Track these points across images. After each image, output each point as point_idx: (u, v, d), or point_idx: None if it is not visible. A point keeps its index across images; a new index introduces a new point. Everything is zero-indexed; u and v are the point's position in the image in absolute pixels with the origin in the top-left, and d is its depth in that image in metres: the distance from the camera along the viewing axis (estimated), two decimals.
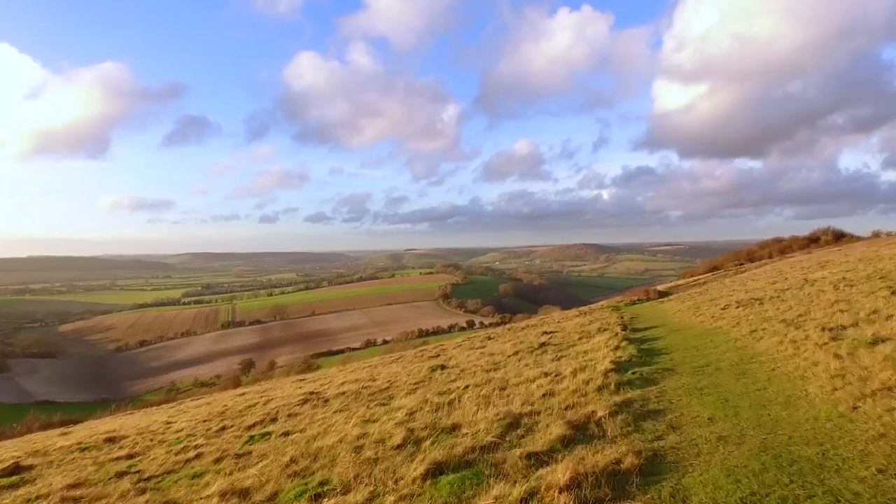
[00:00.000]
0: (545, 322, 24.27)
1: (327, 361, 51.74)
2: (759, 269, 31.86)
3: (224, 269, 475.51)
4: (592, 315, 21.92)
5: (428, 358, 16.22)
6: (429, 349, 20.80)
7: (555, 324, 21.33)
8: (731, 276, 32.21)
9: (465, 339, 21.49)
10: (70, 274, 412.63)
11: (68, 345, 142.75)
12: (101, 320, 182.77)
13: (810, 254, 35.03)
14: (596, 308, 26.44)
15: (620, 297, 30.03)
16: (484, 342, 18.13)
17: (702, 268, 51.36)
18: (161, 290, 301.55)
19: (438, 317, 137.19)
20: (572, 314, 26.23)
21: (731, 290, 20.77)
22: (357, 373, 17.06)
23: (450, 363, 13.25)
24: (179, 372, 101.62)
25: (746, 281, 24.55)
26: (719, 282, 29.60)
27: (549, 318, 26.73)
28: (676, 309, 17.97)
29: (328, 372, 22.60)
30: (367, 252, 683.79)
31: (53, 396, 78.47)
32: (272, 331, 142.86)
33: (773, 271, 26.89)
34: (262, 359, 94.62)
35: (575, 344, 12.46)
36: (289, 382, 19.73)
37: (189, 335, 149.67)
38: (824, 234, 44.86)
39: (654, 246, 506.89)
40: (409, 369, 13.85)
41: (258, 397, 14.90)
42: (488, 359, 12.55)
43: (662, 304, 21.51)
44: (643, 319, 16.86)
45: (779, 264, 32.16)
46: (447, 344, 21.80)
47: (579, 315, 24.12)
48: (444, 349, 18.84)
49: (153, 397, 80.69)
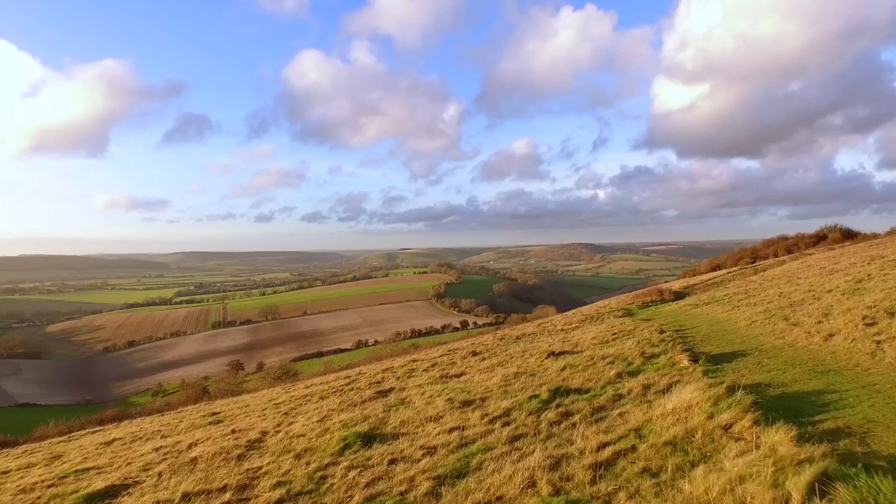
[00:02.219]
0: (545, 329, 20.18)
1: (310, 364, 50.62)
2: (788, 266, 28.31)
3: (217, 269, 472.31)
4: (609, 322, 17.01)
5: (366, 400, 10.30)
6: (382, 375, 14.51)
7: (560, 334, 16.63)
8: (751, 274, 29.05)
9: (445, 354, 16.88)
10: (62, 273, 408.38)
11: (55, 345, 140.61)
12: (91, 320, 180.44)
13: (835, 250, 32.03)
14: (605, 311, 22.68)
15: (630, 297, 27.03)
16: (464, 366, 12.85)
17: (704, 267, 50.52)
18: (153, 289, 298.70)
19: (431, 316, 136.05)
20: (578, 318, 22.09)
21: (783, 290, 16.32)
22: (259, 413, 12.22)
23: (388, 426, 7.32)
24: (167, 373, 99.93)
25: (793, 278, 20.29)
26: (743, 279, 26.44)
27: (550, 324, 22.63)
28: (727, 315, 13.20)
29: (246, 404, 15.70)
30: (361, 251, 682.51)
31: (36, 399, 76.72)
32: (263, 331, 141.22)
33: (810, 267, 23.04)
34: (251, 360, 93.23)
35: (623, 396, 6.56)
36: (198, 415, 14.98)
37: (179, 335, 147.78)
38: (831, 232, 43.98)
39: (649, 246, 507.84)
40: (317, 427, 8.24)
41: None
42: (458, 418, 6.91)
43: (696, 309, 16.54)
44: (694, 333, 11.53)
45: (809, 260, 29.14)
46: (421, 358, 17.21)
47: (589, 321, 19.77)
48: (400, 380, 12.72)
49: (139, 399, 79.31)
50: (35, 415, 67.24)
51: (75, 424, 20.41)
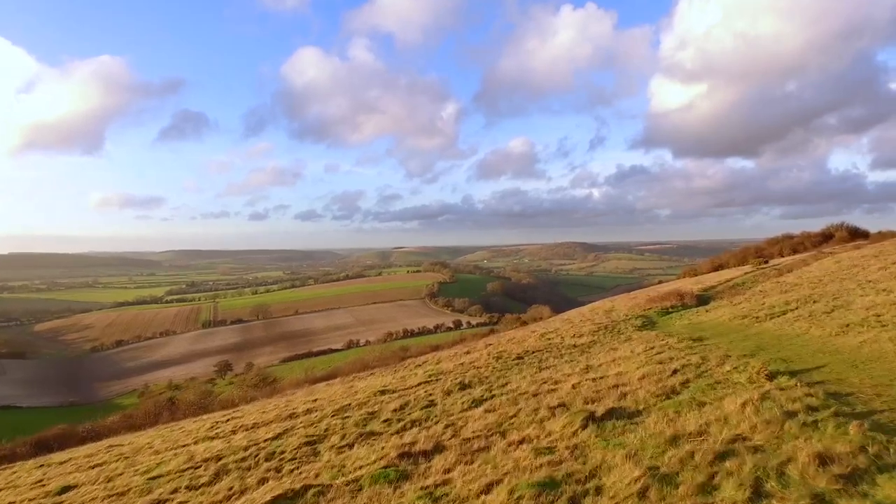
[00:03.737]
0: (551, 343, 16.27)
1: (293, 369, 49.46)
2: (821, 266, 25.83)
3: (210, 267, 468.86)
4: (639, 340, 13.12)
5: None
6: (327, 425, 9.51)
7: (577, 357, 12.39)
8: (775, 276, 26.51)
9: (425, 382, 13.03)
10: (52, 271, 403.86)
11: (41, 345, 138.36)
12: (79, 319, 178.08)
13: (863, 249, 30.26)
14: (620, 319, 19.81)
15: (643, 300, 24.41)
16: (446, 415, 8.69)
17: (705, 266, 50.08)
18: (144, 287, 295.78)
19: (425, 316, 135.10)
20: (589, 328, 18.34)
21: (851, 297, 13.70)
22: None
23: None
24: (155, 373, 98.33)
25: (843, 280, 17.91)
26: (771, 282, 23.91)
27: (555, 334, 18.92)
28: (818, 334, 10.17)
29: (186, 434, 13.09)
30: (355, 250, 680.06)
31: (18, 401, 74.94)
32: (253, 330, 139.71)
33: (858, 268, 20.74)
34: (241, 360, 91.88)
35: None
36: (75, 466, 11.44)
37: (168, 335, 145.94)
38: (838, 231, 43.78)
39: (642, 245, 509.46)
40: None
41: None
42: None
43: (760, 325, 12.98)
44: (828, 375, 7.16)
45: (840, 259, 26.91)
46: (392, 388, 13.08)
47: (604, 332, 16.37)
48: (338, 453, 7.43)
49: (125, 401, 77.78)
50: (15, 417, 65.84)
51: None
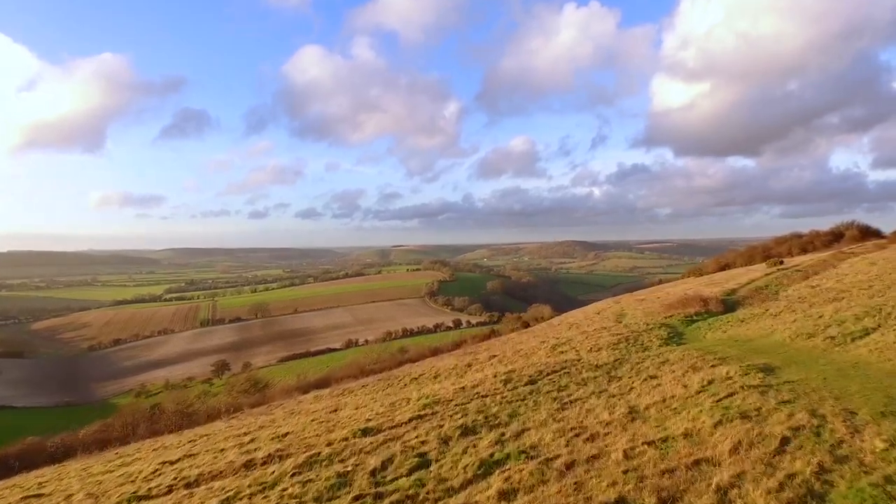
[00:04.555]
0: (569, 362, 13.58)
1: (285, 371, 48.76)
2: (856, 269, 24.00)
3: (209, 265, 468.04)
4: (681, 365, 11.06)
5: None
6: None
7: (614, 391, 9.84)
8: (801, 279, 24.71)
9: (416, 418, 9.79)
10: (51, 270, 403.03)
11: (39, 344, 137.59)
12: (77, 317, 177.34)
13: (887, 249, 29.31)
14: (642, 329, 17.76)
15: (660, 305, 22.84)
16: None
17: (711, 266, 49.42)
18: (143, 285, 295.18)
19: (424, 315, 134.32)
20: (607, 341, 16.06)
21: None
22: None
23: None
24: (152, 373, 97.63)
25: None
26: (805, 288, 21.97)
27: (568, 346, 16.75)
28: None
29: None
30: (355, 248, 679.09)
31: (13, 401, 74.17)
32: (252, 329, 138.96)
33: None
34: (239, 359, 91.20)
35: None
36: None
37: (166, 333, 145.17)
38: (848, 229, 43.32)
39: (642, 243, 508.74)
40: None
41: None
42: None
43: (846, 350, 10.68)
44: None
45: (875, 259, 25.00)
46: (376, 427, 9.17)
47: (627, 345, 14.95)
48: None
49: (122, 401, 77.04)
50: (10, 418, 65.05)
51: None
